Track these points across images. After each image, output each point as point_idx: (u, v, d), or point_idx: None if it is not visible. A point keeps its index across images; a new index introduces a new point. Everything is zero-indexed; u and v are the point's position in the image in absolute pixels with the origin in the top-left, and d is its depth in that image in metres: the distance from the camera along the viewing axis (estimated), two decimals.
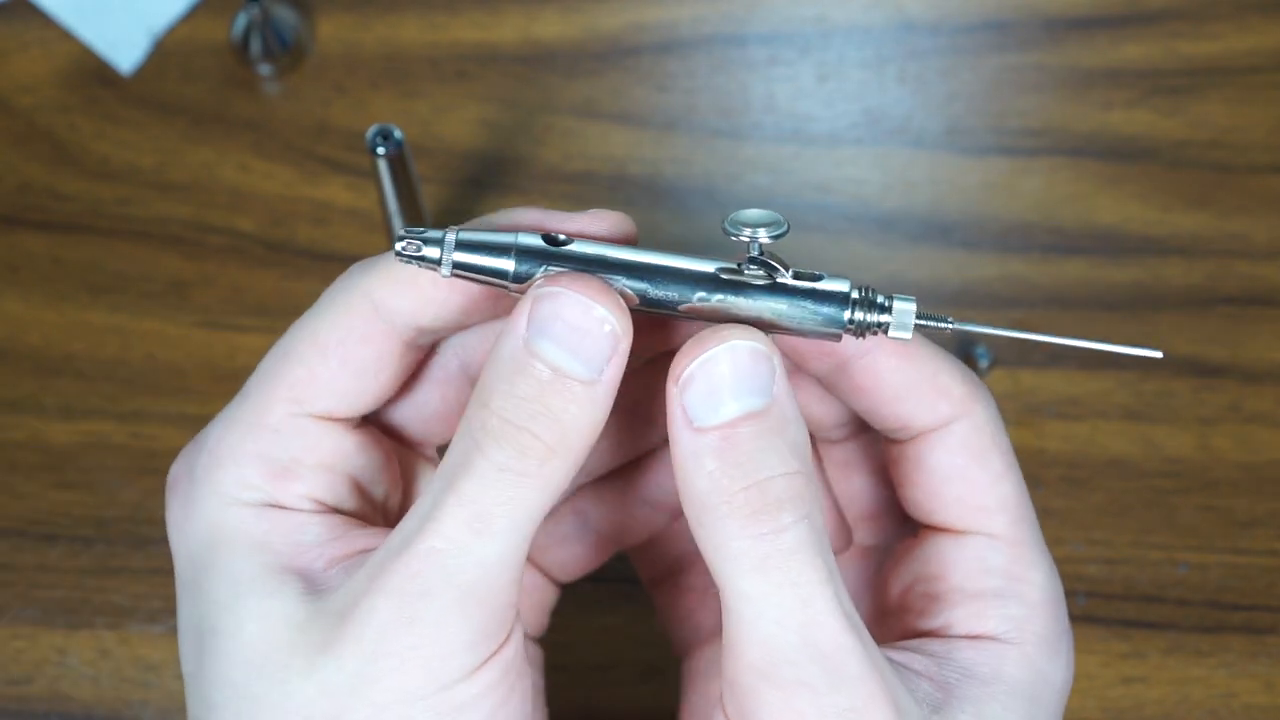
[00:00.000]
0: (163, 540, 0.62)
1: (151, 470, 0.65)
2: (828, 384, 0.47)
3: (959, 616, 0.46)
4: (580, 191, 0.69)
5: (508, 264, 0.41)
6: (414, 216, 0.64)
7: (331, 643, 0.40)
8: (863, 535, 0.51)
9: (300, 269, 0.68)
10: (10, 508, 0.64)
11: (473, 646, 0.40)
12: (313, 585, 0.42)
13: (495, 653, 0.41)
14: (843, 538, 0.51)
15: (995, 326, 0.45)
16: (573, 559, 0.51)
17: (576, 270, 0.41)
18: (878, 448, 0.50)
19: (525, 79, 0.71)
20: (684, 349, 0.41)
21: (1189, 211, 0.69)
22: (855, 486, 0.51)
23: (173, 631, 0.62)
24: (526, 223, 0.42)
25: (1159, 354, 0.44)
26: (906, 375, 0.45)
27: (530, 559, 0.51)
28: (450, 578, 0.40)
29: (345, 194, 0.69)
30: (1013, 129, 0.70)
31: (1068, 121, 0.70)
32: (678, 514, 0.50)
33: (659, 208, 0.69)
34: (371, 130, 0.61)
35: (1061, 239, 0.68)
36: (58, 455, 0.65)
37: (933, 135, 0.70)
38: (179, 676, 0.60)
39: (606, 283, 0.41)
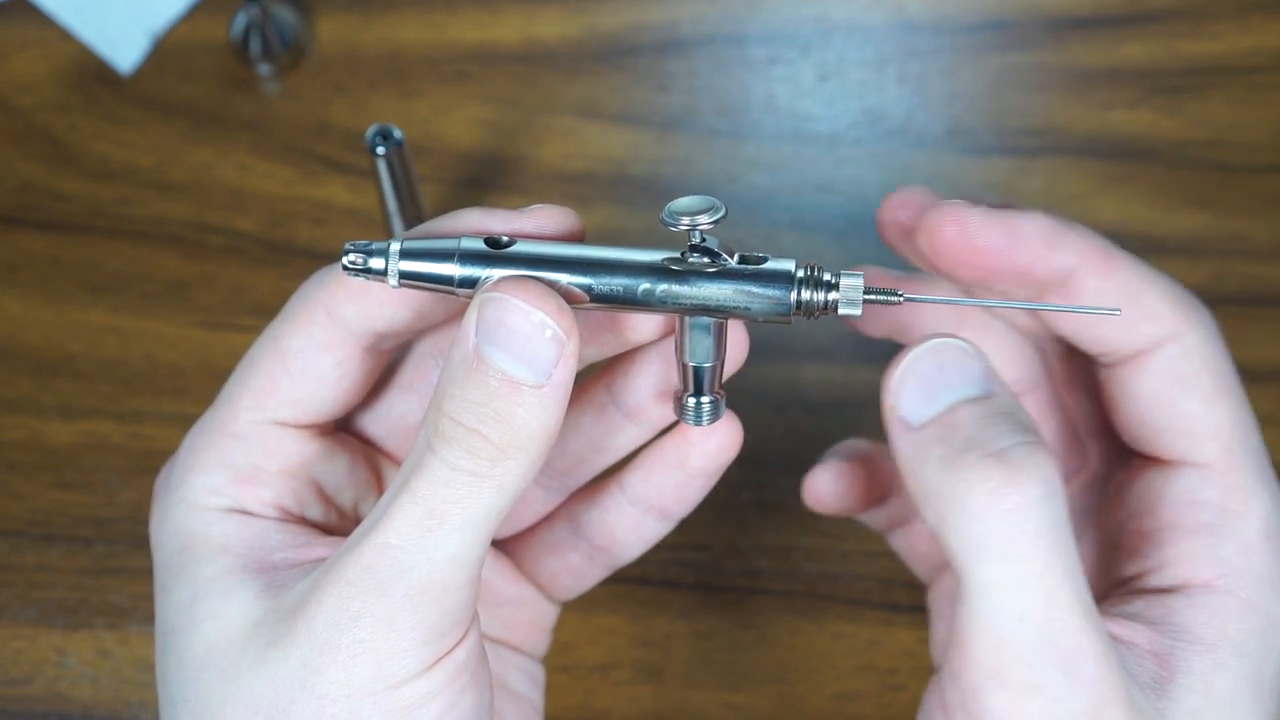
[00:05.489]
0: None
1: (151, 470, 0.64)
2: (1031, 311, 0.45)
3: (1169, 557, 0.43)
4: (580, 191, 0.69)
5: (453, 270, 0.41)
6: (414, 216, 0.64)
7: (281, 637, 0.40)
8: (1093, 460, 0.49)
9: (300, 269, 0.67)
10: (9, 508, 0.64)
11: (423, 645, 0.40)
12: (272, 586, 0.42)
13: (447, 653, 0.40)
14: (1076, 458, 0.49)
15: (948, 298, 0.45)
16: (566, 570, 0.51)
17: (520, 273, 0.41)
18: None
19: (525, 79, 0.71)
20: (892, 363, 0.40)
21: (1190, 211, 0.69)
22: (1084, 406, 0.49)
23: None
24: (469, 225, 0.42)
25: (1118, 311, 0.43)
26: (1107, 298, 0.43)
27: (525, 574, 0.51)
28: (402, 573, 0.39)
29: (345, 194, 0.69)
30: (1013, 129, 0.70)
31: (1068, 121, 0.70)
32: (664, 516, 0.49)
33: (659, 208, 0.69)
34: (371, 130, 0.61)
35: None
36: (57, 455, 0.65)
37: (933, 135, 0.70)
38: None
39: (547, 285, 0.40)
